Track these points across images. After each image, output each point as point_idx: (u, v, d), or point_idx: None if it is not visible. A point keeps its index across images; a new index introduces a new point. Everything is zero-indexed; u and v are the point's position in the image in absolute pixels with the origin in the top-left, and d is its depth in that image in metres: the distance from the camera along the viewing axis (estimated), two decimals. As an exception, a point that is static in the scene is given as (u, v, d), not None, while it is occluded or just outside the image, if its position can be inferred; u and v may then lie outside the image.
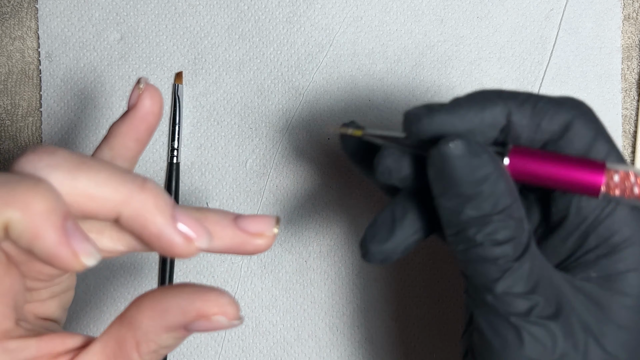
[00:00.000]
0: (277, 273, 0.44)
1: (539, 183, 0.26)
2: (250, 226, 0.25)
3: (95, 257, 0.21)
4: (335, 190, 0.43)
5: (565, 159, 0.26)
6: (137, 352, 0.23)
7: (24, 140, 0.45)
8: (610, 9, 0.42)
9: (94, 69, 0.44)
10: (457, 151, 0.24)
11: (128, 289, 0.44)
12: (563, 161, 0.26)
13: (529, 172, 0.26)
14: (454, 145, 0.24)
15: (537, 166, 0.26)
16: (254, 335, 0.44)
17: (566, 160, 0.26)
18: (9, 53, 0.45)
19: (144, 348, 0.23)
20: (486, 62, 0.43)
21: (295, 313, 0.44)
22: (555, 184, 0.26)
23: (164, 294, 0.23)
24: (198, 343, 0.44)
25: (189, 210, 0.24)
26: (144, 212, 0.22)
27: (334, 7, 0.43)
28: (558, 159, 0.26)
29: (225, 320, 0.22)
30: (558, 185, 0.26)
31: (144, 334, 0.23)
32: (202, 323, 0.22)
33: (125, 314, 0.24)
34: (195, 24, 0.44)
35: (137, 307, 0.23)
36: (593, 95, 0.43)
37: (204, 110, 0.44)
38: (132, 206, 0.22)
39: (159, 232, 0.22)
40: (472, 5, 0.43)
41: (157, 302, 0.23)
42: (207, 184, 0.44)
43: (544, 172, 0.26)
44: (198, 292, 0.23)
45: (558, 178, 0.26)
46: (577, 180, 0.25)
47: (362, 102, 0.43)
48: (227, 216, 0.25)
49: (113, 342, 0.23)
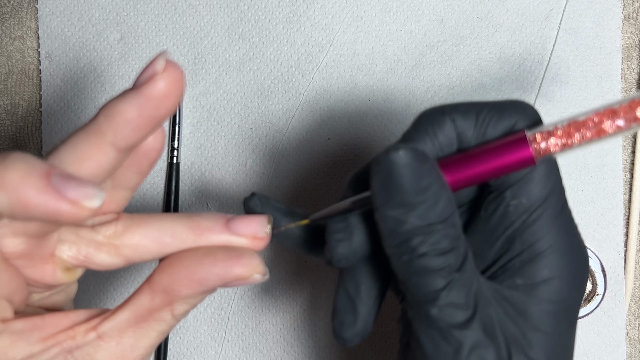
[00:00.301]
0: (277, 273, 0.44)
1: (477, 181, 0.26)
2: (242, 229, 0.25)
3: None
4: (335, 190, 0.43)
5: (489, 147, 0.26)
6: (171, 314, 0.24)
7: (24, 140, 0.45)
8: (610, 9, 0.42)
9: (94, 69, 0.44)
10: (404, 159, 0.24)
11: (128, 289, 0.44)
12: (489, 150, 0.26)
13: (464, 177, 0.26)
14: (402, 153, 0.24)
15: (469, 167, 0.26)
16: (254, 335, 0.44)
17: (492, 148, 0.26)
18: (9, 53, 0.45)
19: (178, 310, 0.24)
20: (486, 62, 0.43)
21: (295, 313, 0.44)
22: (492, 174, 0.26)
23: (199, 262, 0.24)
24: (198, 343, 0.44)
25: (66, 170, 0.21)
26: (11, 191, 0.20)
27: (334, 7, 0.43)
28: (484, 150, 0.26)
29: (260, 277, 0.25)
30: (494, 174, 0.26)
31: (181, 299, 0.24)
32: (238, 282, 0.24)
33: (155, 281, 0.24)
34: (195, 24, 0.44)
35: (169, 275, 0.24)
36: (593, 95, 0.43)
37: (204, 110, 0.44)
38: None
39: (36, 205, 0.20)
40: (472, 5, 0.43)
41: (193, 271, 0.24)
42: (207, 184, 0.44)
43: (477, 169, 0.26)
44: (232, 257, 0.24)
45: (492, 170, 0.26)
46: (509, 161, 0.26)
47: (362, 102, 0.43)
48: (219, 220, 0.25)
49: (143, 309, 0.24)
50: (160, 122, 0.23)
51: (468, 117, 0.27)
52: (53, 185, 0.20)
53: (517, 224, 0.26)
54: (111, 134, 0.22)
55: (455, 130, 0.27)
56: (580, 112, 0.25)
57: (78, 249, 0.24)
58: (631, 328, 0.43)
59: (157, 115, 0.22)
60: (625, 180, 0.43)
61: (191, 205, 0.44)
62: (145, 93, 0.22)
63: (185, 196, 0.44)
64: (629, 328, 0.43)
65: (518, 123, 0.26)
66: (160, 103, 0.22)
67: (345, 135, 0.43)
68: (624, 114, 0.24)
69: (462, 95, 0.43)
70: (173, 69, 0.22)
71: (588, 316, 0.42)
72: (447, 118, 0.27)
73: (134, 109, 0.22)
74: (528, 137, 0.26)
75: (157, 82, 0.22)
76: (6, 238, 0.23)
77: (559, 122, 0.26)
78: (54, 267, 0.24)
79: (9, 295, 0.23)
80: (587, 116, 0.25)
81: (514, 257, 0.27)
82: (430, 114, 0.27)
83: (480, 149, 0.26)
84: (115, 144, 0.22)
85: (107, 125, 0.22)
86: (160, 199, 0.44)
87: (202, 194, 0.44)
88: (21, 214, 0.20)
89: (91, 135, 0.22)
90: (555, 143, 0.25)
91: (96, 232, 0.25)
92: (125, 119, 0.22)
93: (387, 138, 0.43)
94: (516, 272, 0.27)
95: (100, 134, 0.22)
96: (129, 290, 0.44)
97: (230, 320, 0.44)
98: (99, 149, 0.22)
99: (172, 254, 0.25)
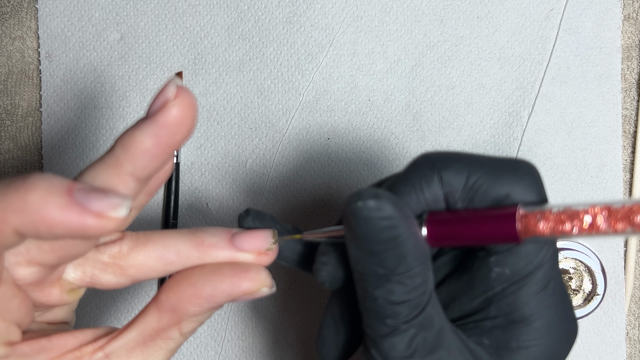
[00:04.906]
0: (277, 273, 0.44)
1: (460, 245, 0.26)
2: (247, 245, 0.25)
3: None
4: (335, 190, 0.43)
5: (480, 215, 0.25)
6: (179, 332, 0.24)
7: (24, 140, 0.45)
8: (610, 9, 0.42)
9: (94, 69, 0.44)
10: (366, 212, 0.23)
11: (128, 289, 0.44)
12: (479, 218, 0.25)
13: (446, 237, 0.25)
14: (363, 205, 0.23)
15: (453, 229, 0.25)
16: (254, 335, 0.44)
17: (482, 216, 0.25)
18: (9, 53, 0.45)
19: (186, 327, 0.24)
20: (486, 62, 0.43)
21: (295, 313, 0.44)
22: (477, 242, 0.25)
23: (206, 280, 0.24)
24: (198, 343, 0.44)
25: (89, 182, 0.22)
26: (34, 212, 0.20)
27: (334, 7, 0.43)
28: (470, 216, 0.25)
29: (268, 290, 0.25)
30: (478, 242, 0.25)
31: (189, 317, 0.24)
32: (246, 297, 0.25)
33: (162, 300, 0.24)
34: (195, 24, 0.44)
35: (176, 293, 0.24)
36: (593, 95, 0.43)
37: (204, 110, 0.44)
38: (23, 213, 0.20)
39: (61, 223, 0.20)
40: (472, 5, 0.43)
41: (200, 288, 0.24)
42: (207, 184, 0.44)
43: (463, 234, 0.25)
44: (239, 272, 0.24)
45: (477, 237, 0.25)
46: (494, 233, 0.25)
47: (362, 102, 0.43)
48: (223, 236, 0.25)
49: (151, 328, 0.24)
50: (177, 148, 0.23)
51: (458, 177, 0.25)
52: (76, 201, 0.20)
53: (497, 290, 0.26)
54: (130, 165, 0.22)
55: (443, 189, 0.26)
56: (579, 202, 0.24)
57: (83, 271, 0.24)
58: (631, 328, 0.43)
59: (174, 142, 0.22)
60: (625, 180, 0.43)
61: (191, 205, 0.44)
62: (160, 121, 0.22)
63: (185, 196, 0.44)
64: (629, 328, 0.43)
65: (511, 195, 0.25)
66: (176, 129, 0.22)
67: (345, 135, 0.43)
68: (622, 216, 0.23)
69: (462, 95, 0.43)
70: (185, 94, 0.22)
71: (588, 316, 0.42)
72: (435, 175, 0.26)
73: (151, 138, 0.22)
74: (518, 213, 0.24)
75: (171, 109, 0.22)
76: (20, 267, 0.23)
77: (555, 205, 0.24)
78: (61, 289, 0.24)
79: (19, 319, 0.23)
80: (584, 208, 0.23)
81: (488, 319, 0.26)
82: (421, 166, 0.26)
83: (467, 213, 0.25)
84: (135, 174, 0.22)
85: (124, 157, 0.22)
86: (160, 199, 0.44)
87: (202, 194, 0.44)
88: (47, 234, 0.20)
89: (110, 168, 0.22)
90: (545, 227, 0.24)
91: (101, 252, 0.24)
92: (142, 149, 0.22)
93: (387, 138, 0.43)
94: (486, 332, 0.26)
95: (119, 165, 0.22)
96: (129, 290, 0.44)
97: (230, 320, 0.44)
98: (119, 180, 0.22)
99: (178, 272, 0.25)
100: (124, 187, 0.22)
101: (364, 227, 0.24)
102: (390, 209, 0.23)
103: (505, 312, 0.26)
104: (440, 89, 0.43)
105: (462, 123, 0.43)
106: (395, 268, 0.24)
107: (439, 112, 0.43)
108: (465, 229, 0.25)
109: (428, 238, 0.25)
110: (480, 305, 0.27)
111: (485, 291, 0.26)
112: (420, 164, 0.26)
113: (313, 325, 0.43)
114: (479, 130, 0.43)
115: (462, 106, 0.43)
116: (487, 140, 0.43)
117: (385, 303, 0.24)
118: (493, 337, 0.26)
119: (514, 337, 0.26)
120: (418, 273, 0.25)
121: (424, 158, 0.26)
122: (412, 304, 0.25)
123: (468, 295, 0.27)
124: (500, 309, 0.26)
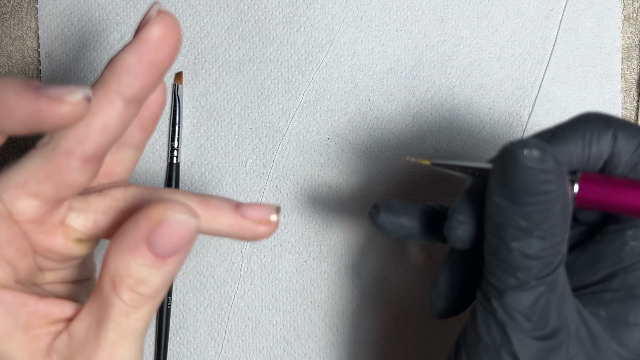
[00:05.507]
0: (277, 273, 0.44)
1: (606, 209, 0.26)
2: (250, 213, 0.25)
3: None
4: (335, 190, 0.43)
5: (636, 185, 0.25)
6: (115, 293, 0.22)
7: (23, 140, 0.45)
8: (610, 9, 0.42)
9: (94, 69, 0.44)
10: (529, 161, 0.23)
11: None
12: (632, 188, 0.25)
13: (597, 200, 0.25)
14: (528, 154, 0.23)
15: (606, 194, 0.25)
16: (254, 335, 0.44)
17: (637, 186, 0.25)
18: (9, 53, 0.45)
19: (120, 286, 0.22)
20: (486, 62, 0.43)
21: (295, 313, 0.44)
22: (625, 211, 0.25)
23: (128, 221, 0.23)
24: (198, 343, 0.44)
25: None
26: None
27: (334, 7, 0.43)
28: (627, 185, 0.25)
29: (188, 218, 0.22)
30: (627, 212, 0.25)
31: (116, 270, 0.22)
32: (162, 232, 0.21)
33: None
34: (195, 24, 0.44)
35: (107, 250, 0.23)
36: (593, 95, 0.43)
37: (204, 110, 0.44)
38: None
39: (17, 107, 0.21)
40: (472, 5, 0.43)
41: (117, 233, 0.22)
42: (207, 184, 0.44)
43: (612, 200, 0.25)
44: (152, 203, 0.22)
45: (627, 207, 0.25)
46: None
47: (362, 102, 0.43)
48: (229, 202, 0.25)
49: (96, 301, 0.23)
50: (162, 68, 0.23)
51: (631, 141, 0.25)
52: (33, 87, 0.21)
53: (626, 263, 0.26)
54: (116, 84, 0.23)
55: (612, 148, 0.26)
56: None
57: (86, 216, 0.24)
58: (631, 328, 0.43)
59: (157, 60, 0.23)
60: (625, 180, 0.43)
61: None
62: (142, 38, 0.23)
63: (185, 196, 0.44)
64: (629, 328, 0.43)
65: None
66: (157, 46, 0.23)
67: (345, 135, 0.43)
68: None
69: (462, 95, 0.43)
70: (166, 14, 0.23)
71: None
72: (610, 132, 0.25)
73: (134, 55, 0.23)
74: None
75: (152, 26, 0.23)
76: (20, 199, 0.23)
77: None
78: (65, 237, 0.24)
79: (11, 256, 0.23)
80: None
81: (609, 290, 0.26)
82: (594, 120, 0.26)
83: (622, 180, 0.25)
84: (121, 93, 0.23)
85: (110, 76, 0.23)
86: (160, 199, 0.44)
87: (202, 194, 0.44)
88: (7, 122, 0.21)
89: (97, 89, 0.23)
90: None
91: (104, 195, 0.25)
92: (126, 66, 0.23)
93: (387, 138, 0.43)
94: (604, 304, 0.26)
95: (105, 85, 0.23)
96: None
97: (230, 320, 0.44)
98: (107, 100, 0.23)
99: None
100: (111, 107, 0.23)
101: (522, 176, 0.23)
102: (552, 163, 0.23)
103: (630, 285, 0.26)
104: (440, 89, 0.43)
105: (462, 123, 0.43)
106: (539, 223, 0.24)
107: (439, 112, 0.43)
108: (618, 195, 0.25)
109: (577, 197, 0.25)
110: (602, 277, 0.27)
111: (613, 264, 0.26)
112: (594, 118, 0.26)
113: (313, 325, 0.44)
114: (479, 130, 0.43)
115: (462, 106, 0.43)
116: (487, 140, 0.43)
117: (520, 256, 0.24)
118: (611, 310, 0.26)
119: (632, 311, 0.26)
120: (560, 232, 0.25)
121: (596, 114, 0.26)
122: (546, 262, 0.25)
123: (591, 267, 0.27)
124: (624, 282, 0.26)
